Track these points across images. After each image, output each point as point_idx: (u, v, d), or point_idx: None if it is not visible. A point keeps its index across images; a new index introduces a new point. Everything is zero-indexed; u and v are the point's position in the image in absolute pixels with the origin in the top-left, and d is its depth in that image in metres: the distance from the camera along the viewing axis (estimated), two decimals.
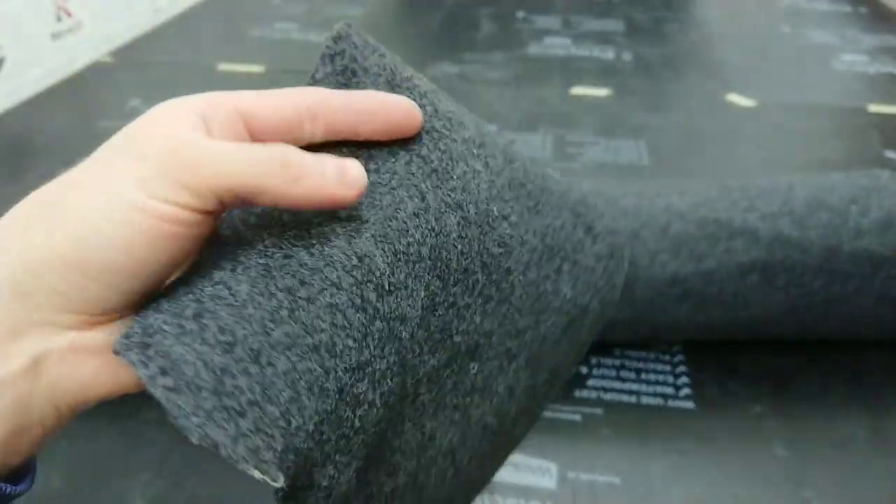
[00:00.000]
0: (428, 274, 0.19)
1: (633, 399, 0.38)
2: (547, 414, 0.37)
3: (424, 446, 0.20)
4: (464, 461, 0.21)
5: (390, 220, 0.19)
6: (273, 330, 0.16)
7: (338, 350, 0.17)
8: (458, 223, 0.20)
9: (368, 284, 0.18)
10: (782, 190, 0.37)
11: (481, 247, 0.20)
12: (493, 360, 0.21)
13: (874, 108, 0.70)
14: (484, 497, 0.33)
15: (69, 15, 0.81)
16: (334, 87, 0.20)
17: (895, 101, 0.71)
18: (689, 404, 0.38)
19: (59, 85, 0.77)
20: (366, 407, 0.18)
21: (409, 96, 0.20)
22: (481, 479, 0.23)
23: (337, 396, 0.17)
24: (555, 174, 0.24)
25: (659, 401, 0.38)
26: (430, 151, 0.20)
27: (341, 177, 0.18)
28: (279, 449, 0.15)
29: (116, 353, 0.15)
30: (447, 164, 0.20)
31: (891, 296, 0.36)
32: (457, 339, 0.20)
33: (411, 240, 0.19)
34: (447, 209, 0.20)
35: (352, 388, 0.17)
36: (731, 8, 1.03)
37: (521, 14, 0.99)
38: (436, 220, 0.19)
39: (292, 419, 0.16)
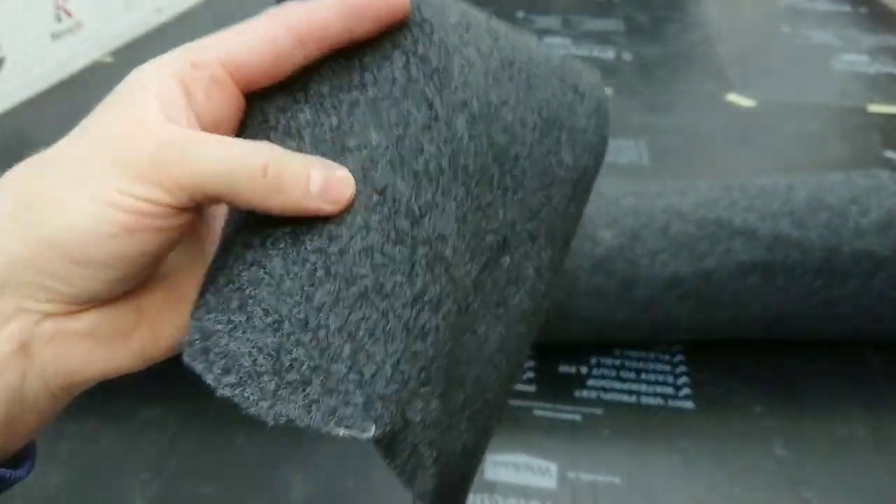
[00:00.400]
0: (452, 185, 0.18)
1: (633, 399, 0.38)
2: (547, 414, 0.37)
3: (481, 349, 0.20)
4: (512, 350, 0.21)
5: (402, 140, 0.18)
6: (314, 294, 0.16)
7: (387, 289, 0.17)
8: (467, 122, 0.19)
9: (398, 215, 0.17)
10: (782, 190, 0.37)
11: (489, 140, 0.20)
12: (519, 247, 0.21)
13: (874, 108, 0.70)
14: (484, 497, 0.33)
15: (69, 15, 0.81)
16: None
17: (895, 101, 0.71)
18: (689, 404, 0.38)
19: (59, 85, 0.77)
20: (433, 334, 0.17)
21: None
22: (523, 358, 0.23)
23: (404, 333, 0.17)
24: (530, 38, 0.23)
25: (659, 401, 0.38)
26: (427, 48, 0.18)
27: (325, 192, 0.17)
28: (360, 402, 0.16)
29: (187, 364, 0.16)
30: (445, 59, 0.18)
31: (891, 296, 0.36)
32: (488, 239, 0.20)
33: (428, 156, 0.18)
34: (454, 112, 0.18)
35: (416, 320, 0.17)
36: (732, 8, 1.03)
37: (521, 14, 0.99)
38: (447, 126, 0.18)
39: (364, 369, 0.16)
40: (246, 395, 0.15)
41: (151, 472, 0.34)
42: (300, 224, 0.17)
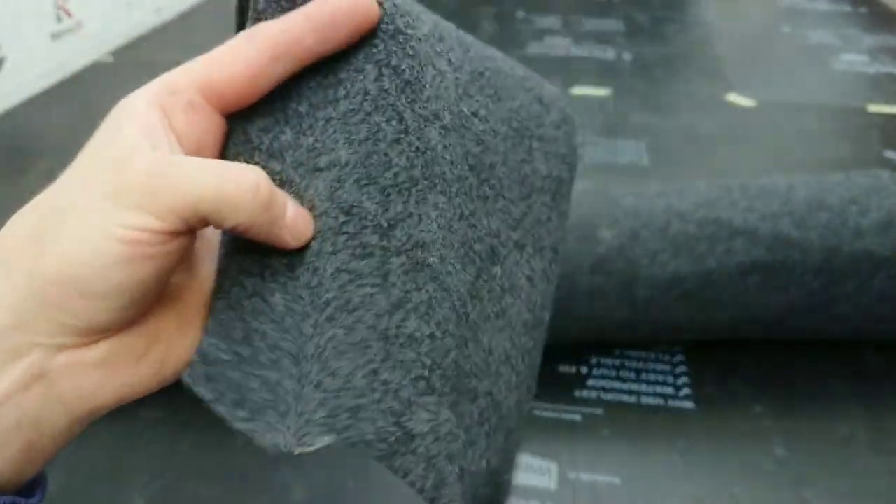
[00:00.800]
0: (430, 193, 0.19)
1: (633, 399, 0.38)
2: (547, 414, 0.37)
3: (488, 362, 0.20)
4: (518, 363, 0.22)
5: (371, 156, 0.18)
6: (303, 327, 0.17)
7: (354, 303, 0.17)
8: (440, 133, 0.19)
9: (365, 231, 0.18)
10: (782, 190, 0.37)
11: (463, 150, 0.20)
12: (508, 257, 0.22)
13: (874, 108, 0.70)
14: None
15: (69, 15, 0.81)
16: (280, 10, 0.18)
17: (895, 101, 0.71)
18: (689, 404, 0.38)
19: (59, 85, 0.77)
20: (428, 342, 0.18)
21: None
22: (533, 376, 0.23)
23: (382, 343, 0.17)
24: (496, 51, 0.23)
25: (659, 401, 0.38)
26: (400, 60, 0.18)
27: (294, 227, 0.18)
28: (319, 418, 0.16)
29: (187, 385, 0.17)
30: (418, 71, 0.19)
31: (891, 296, 0.36)
32: (477, 247, 0.20)
33: (398, 169, 0.18)
34: (426, 123, 0.19)
35: (398, 329, 0.17)
36: (732, 8, 1.03)
37: (521, 14, 0.99)
38: (418, 138, 0.19)
39: (327, 385, 0.17)
40: (253, 428, 0.16)
41: (152, 474, 0.34)
42: (291, 255, 0.18)
